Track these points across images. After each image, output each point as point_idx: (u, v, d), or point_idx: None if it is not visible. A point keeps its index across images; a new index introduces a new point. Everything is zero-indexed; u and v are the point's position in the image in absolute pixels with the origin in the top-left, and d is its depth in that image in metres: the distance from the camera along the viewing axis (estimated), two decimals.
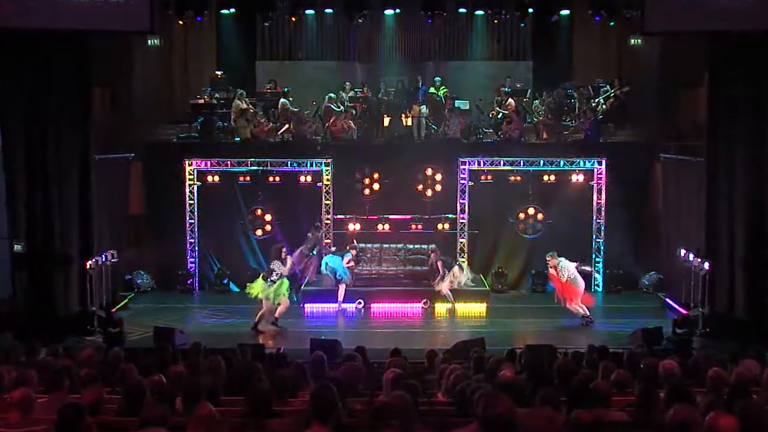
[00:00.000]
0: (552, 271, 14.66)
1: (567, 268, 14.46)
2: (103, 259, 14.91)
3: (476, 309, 15.37)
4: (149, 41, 16.69)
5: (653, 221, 17.30)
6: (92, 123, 14.26)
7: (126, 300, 16.25)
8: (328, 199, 17.17)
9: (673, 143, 16.34)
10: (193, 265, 17.23)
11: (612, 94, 17.89)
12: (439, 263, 15.73)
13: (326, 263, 15.71)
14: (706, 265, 13.89)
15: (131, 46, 16.63)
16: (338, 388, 5.42)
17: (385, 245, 16.77)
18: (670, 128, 16.56)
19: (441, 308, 15.49)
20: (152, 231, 17.33)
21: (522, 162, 17.03)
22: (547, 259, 14.81)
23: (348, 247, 16.03)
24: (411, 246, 16.72)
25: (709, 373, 6.83)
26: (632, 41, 17.26)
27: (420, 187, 17.39)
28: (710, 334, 13.58)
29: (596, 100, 17.94)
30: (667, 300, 16.07)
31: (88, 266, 14.14)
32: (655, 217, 17.27)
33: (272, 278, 14.19)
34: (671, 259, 15.84)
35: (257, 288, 14.25)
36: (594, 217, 17.17)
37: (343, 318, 15.31)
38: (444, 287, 15.42)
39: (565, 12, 18.24)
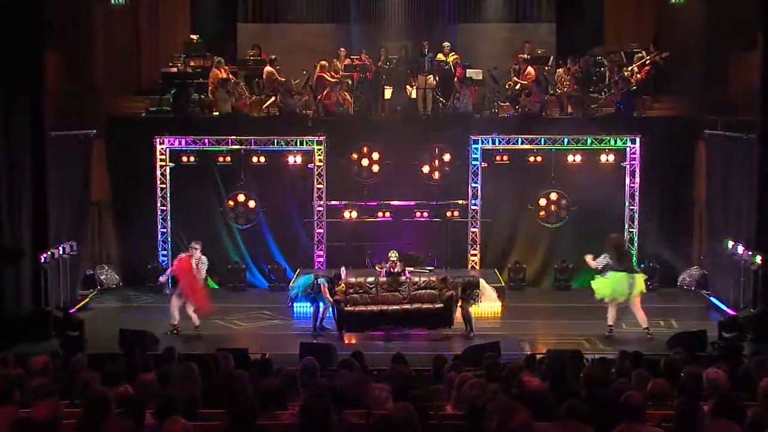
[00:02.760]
0: (193, 262, 13.93)
1: (205, 268, 13.96)
2: (61, 252, 14.93)
3: (490, 309, 15.31)
4: (113, 0, 16.63)
5: (695, 208, 17.29)
6: (46, 94, 14.21)
7: (88, 299, 16.26)
8: (320, 183, 17.16)
9: (720, 118, 16.28)
10: (165, 258, 17.22)
11: (648, 62, 17.83)
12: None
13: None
14: (758, 259, 13.91)
15: (92, 6, 16.55)
16: (334, 398, 5.42)
17: (381, 278, 14.48)
18: (716, 100, 16.50)
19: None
20: (118, 219, 17.39)
21: (543, 140, 17.00)
22: (194, 245, 14.07)
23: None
24: (417, 279, 14.56)
25: (762, 384, 6.82)
26: None
27: (426, 168, 17.44)
28: (763, 339, 13.57)
29: (629, 69, 17.88)
30: (712, 299, 16.09)
31: (42, 260, 14.14)
32: (697, 204, 17.26)
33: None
34: (717, 252, 15.86)
35: (607, 286, 13.64)
36: (626, 204, 17.16)
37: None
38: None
39: None
